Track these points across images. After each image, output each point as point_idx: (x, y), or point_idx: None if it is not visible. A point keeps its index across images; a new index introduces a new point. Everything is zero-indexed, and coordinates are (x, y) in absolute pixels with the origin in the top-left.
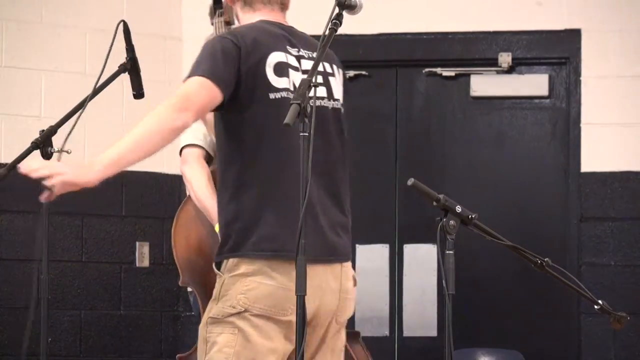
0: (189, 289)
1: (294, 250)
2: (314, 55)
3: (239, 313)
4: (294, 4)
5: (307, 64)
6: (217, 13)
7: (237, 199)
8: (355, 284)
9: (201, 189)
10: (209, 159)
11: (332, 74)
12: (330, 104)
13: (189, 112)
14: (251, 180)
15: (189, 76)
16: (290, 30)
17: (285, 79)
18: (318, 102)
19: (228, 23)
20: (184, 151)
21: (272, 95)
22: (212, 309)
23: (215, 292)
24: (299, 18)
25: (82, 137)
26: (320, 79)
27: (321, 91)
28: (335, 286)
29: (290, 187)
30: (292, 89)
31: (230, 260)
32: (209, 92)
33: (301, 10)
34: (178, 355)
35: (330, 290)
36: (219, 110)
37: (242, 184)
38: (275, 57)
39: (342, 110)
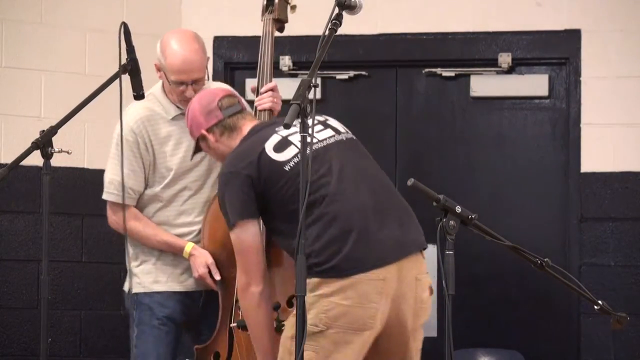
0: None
1: (365, 268)
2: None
3: (321, 331)
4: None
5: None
6: (268, 10)
7: (309, 233)
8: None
9: (145, 238)
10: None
11: (327, 119)
12: (342, 136)
13: (257, 281)
14: (314, 218)
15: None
16: (273, 120)
17: (289, 148)
18: (332, 140)
19: (277, 20)
20: (110, 206)
21: (287, 167)
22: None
23: None
24: (300, 18)
25: (82, 137)
26: (320, 127)
27: (327, 132)
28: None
29: (347, 220)
30: (288, 160)
31: (312, 280)
32: (252, 231)
33: (301, 11)
34: (195, 346)
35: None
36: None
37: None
38: (270, 144)
39: (354, 137)
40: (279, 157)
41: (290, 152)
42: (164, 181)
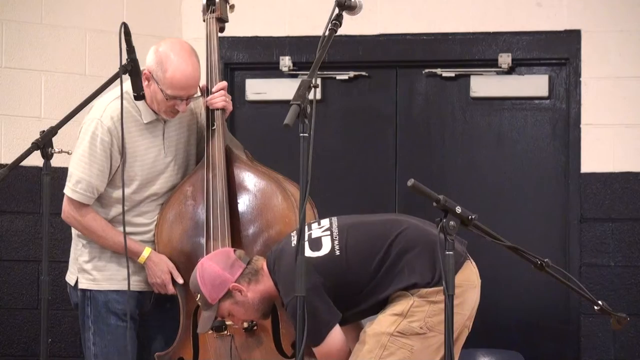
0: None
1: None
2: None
3: (423, 334)
4: (295, 5)
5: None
6: (209, 10)
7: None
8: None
9: (102, 238)
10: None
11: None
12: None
13: None
14: (398, 253)
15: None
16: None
17: (323, 240)
18: (334, 217)
19: (220, 20)
20: (70, 202)
21: (337, 253)
22: (400, 324)
23: (401, 309)
24: (300, 19)
25: None
26: (315, 224)
27: (325, 220)
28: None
29: (424, 240)
30: (332, 246)
31: (425, 289)
32: (340, 334)
33: (301, 11)
34: (157, 353)
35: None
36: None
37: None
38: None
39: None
40: (323, 251)
41: (327, 243)
42: (133, 185)
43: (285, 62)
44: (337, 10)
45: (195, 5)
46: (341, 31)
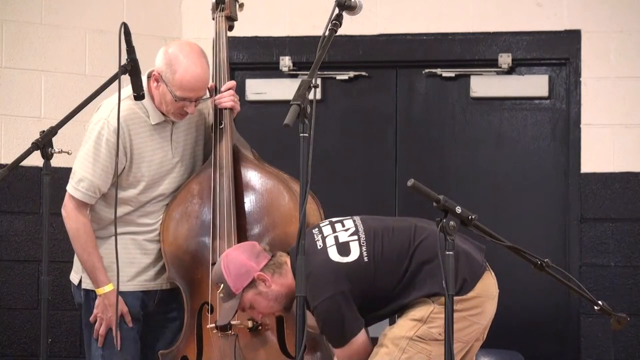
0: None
1: (476, 278)
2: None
3: (441, 340)
4: (295, 5)
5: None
6: (219, 8)
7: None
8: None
9: (82, 245)
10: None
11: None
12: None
13: None
14: (422, 261)
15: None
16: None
17: (351, 245)
18: (357, 219)
19: (229, 18)
20: (71, 199)
21: (366, 259)
22: (419, 329)
23: (421, 314)
24: (300, 19)
25: (82, 138)
26: (339, 225)
27: (349, 222)
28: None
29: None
30: (360, 253)
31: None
32: (364, 337)
33: (301, 11)
34: (160, 351)
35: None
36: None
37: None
38: (334, 255)
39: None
40: (352, 257)
41: (355, 248)
42: (139, 186)
43: (285, 62)
44: (337, 10)
45: (195, 6)
46: (341, 31)
